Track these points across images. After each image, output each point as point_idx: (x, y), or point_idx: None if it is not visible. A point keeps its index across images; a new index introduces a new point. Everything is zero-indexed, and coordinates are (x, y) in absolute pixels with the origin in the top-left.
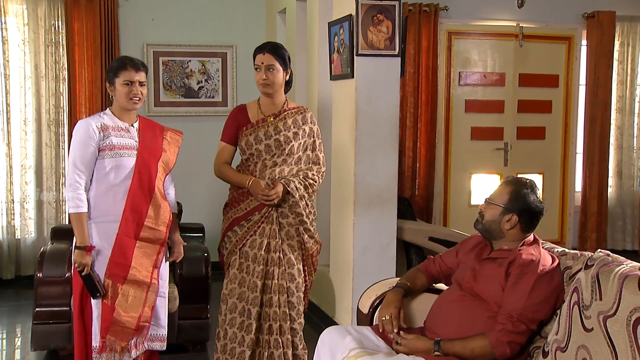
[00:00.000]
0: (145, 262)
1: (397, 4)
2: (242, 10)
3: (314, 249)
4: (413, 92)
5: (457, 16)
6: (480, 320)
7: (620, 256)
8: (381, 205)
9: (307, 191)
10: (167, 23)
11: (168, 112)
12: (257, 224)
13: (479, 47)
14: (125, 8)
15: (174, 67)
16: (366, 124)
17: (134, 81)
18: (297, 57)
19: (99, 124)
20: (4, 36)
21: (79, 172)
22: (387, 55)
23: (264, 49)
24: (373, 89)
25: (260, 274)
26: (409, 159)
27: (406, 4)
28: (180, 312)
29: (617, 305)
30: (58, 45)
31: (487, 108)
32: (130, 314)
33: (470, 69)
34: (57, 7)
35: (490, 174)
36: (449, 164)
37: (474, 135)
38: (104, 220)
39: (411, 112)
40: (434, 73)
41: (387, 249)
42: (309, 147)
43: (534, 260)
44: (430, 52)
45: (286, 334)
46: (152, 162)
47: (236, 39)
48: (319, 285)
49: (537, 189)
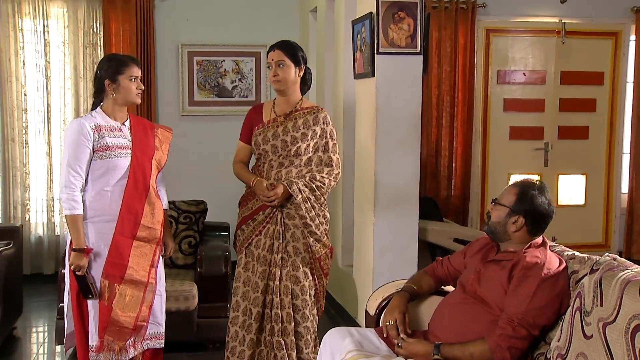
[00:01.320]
0: (142, 262)
1: (419, 0)
2: (276, 9)
3: (322, 253)
4: (449, 90)
5: (495, 13)
6: (482, 324)
7: (629, 261)
8: (401, 205)
9: (313, 194)
10: (201, 23)
11: (202, 111)
12: (262, 224)
13: (519, 45)
14: (160, 9)
15: (208, 67)
16: (386, 123)
17: (137, 76)
18: (326, 56)
19: (93, 125)
20: (46, 39)
21: (74, 174)
22: (408, 54)
23: (274, 46)
24: (393, 87)
25: (262, 274)
26: (444, 158)
27: (442, 1)
28: (199, 311)
29: (617, 311)
30: (96, 47)
31: (526, 107)
32: (128, 314)
33: (509, 67)
34: (95, 9)
35: (529, 174)
36: (486, 163)
37: (513, 135)
38: (100, 220)
39: (447, 111)
40: (470, 71)
41: (408, 250)
42: (321, 148)
43: (538, 263)
44: (467, 50)
45: (290, 336)
46: (146, 161)
47: (270, 38)
48: (343, 286)
49: (546, 191)
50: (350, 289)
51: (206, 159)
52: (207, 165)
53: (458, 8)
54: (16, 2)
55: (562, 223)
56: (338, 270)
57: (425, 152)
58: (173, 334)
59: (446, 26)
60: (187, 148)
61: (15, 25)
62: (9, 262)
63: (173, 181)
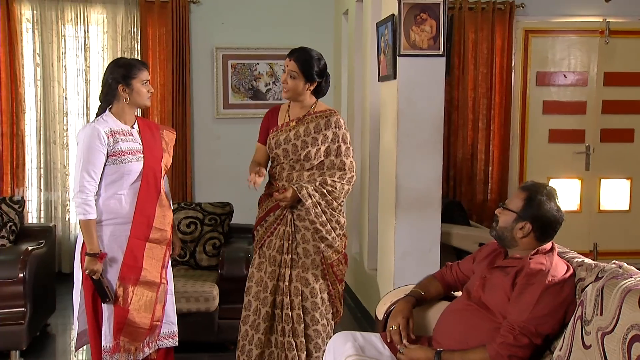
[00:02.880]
0: (154, 263)
1: (441, 2)
2: (310, 12)
3: (334, 259)
4: (486, 93)
5: (534, 13)
6: (484, 331)
7: (635, 268)
8: (423, 209)
9: (324, 198)
10: (236, 27)
11: (236, 114)
12: (273, 225)
13: (559, 46)
14: (196, 13)
15: (243, 70)
16: (408, 126)
17: (148, 80)
18: (355, 58)
19: (107, 129)
20: (86, 44)
21: (89, 179)
22: (430, 55)
23: (292, 54)
24: (415, 90)
25: (272, 274)
26: (480, 162)
27: (478, 2)
28: (220, 312)
29: (615, 321)
30: (133, 51)
31: (567, 109)
32: (144, 315)
33: (548, 68)
34: (133, 15)
35: (570, 179)
36: (524, 167)
37: (552, 138)
38: (114, 222)
39: (484, 114)
40: (508, 73)
41: (430, 254)
42: (333, 152)
43: (542, 270)
44: (505, 51)
45: (300, 337)
46: (157, 164)
47: (304, 41)
48: (368, 289)
49: (555, 196)
50: (374, 293)
51: (240, 161)
52: (241, 167)
53: (495, 9)
54: (59, 10)
55: (605, 229)
56: (364, 274)
57: (461, 156)
58: (194, 334)
59: (483, 27)
60: (221, 150)
61: (59, 32)
62: (40, 260)
63: (207, 183)
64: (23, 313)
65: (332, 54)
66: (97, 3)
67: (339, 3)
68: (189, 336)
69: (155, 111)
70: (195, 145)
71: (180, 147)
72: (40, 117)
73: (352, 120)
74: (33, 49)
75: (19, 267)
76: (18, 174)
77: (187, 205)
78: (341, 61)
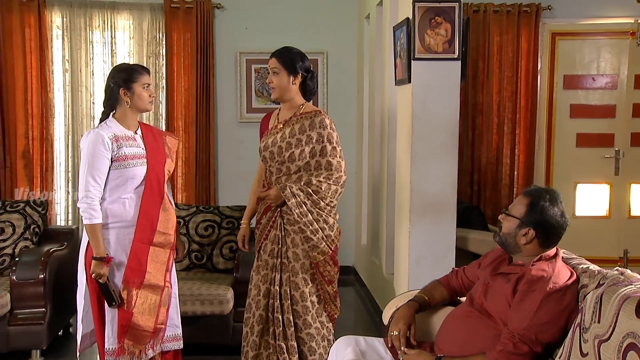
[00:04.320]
0: (158, 267)
1: (457, 5)
2: (334, 16)
3: (320, 259)
4: (511, 96)
5: (562, 15)
6: (485, 338)
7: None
8: (437, 214)
9: (309, 198)
10: (259, 31)
11: (259, 118)
12: (267, 228)
13: (587, 48)
14: (220, 18)
15: (266, 74)
16: (422, 130)
17: (149, 84)
18: (376, 62)
19: (111, 135)
20: (113, 49)
21: (94, 184)
22: (445, 59)
23: (273, 53)
24: (430, 94)
25: (264, 278)
26: (505, 166)
27: (504, 5)
28: (235, 315)
29: (612, 329)
30: (158, 56)
31: (595, 113)
32: (148, 318)
33: (576, 71)
34: (159, 20)
35: (598, 184)
36: (550, 172)
37: (580, 142)
38: (120, 225)
39: (509, 118)
40: (534, 76)
41: (445, 260)
42: (318, 153)
43: (544, 277)
44: (531, 54)
45: (290, 340)
46: (160, 169)
47: (327, 45)
48: (386, 294)
49: (559, 201)
50: (391, 297)
51: None
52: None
53: (521, 11)
54: (88, 16)
55: (636, 235)
56: (382, 279)
57: (485, 160)
58: (209, 336)
59: (508, 30)
60: (245, 154)
61: (87, 38)
62: (61, 262)
63: (230, 186)
64: (43, 313)
65: (356, 58)
66: (124, 9)
67: (361, 7)
68: (204, 339)
69: (180, 115)
70: (218, 149)
71: (204, 151)
72: (68, 122)
73: (373, 125)
74: (62, 55)
75: (39, 269)
76: (47, 176)
77: (205, 209)
78: (363, 65)
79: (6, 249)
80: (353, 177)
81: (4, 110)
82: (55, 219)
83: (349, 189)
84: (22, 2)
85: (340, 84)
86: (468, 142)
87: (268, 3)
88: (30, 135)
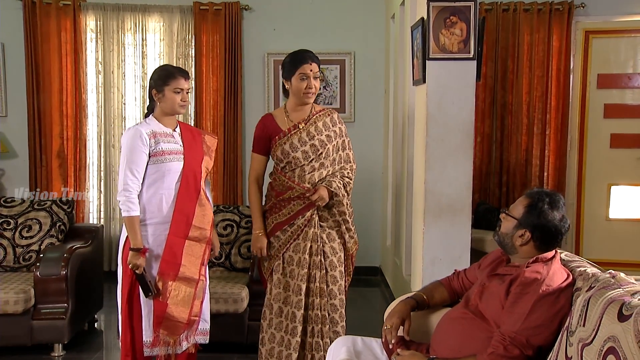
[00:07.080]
0: (194, 260)
1: (472, 4)
2: (361, 17)
3: (354, 250)
4: (541, 96)
5: (596, 13)
6: (478, 340)
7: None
8: (453, 215)
9: (345, 189)
10: (287, 32)
11: None
12: (301, 227)
13: (623, 46)
14: (248, 20)
15: None
16: (437, 131)
17: (183, 89)
18: (399, 62)
19: (149, 131)
20: (143, 51)
21: (132, 178)
22: (461, 59)
23: (313, 58)
24: (445, 94)
25: (304, 277)
26: (535, 167)
27: (535, 3)
28: (250, 313)
29: (595, 332)
30: (188, 57)
31: (631, 113)
32: (182, 309)
33: (611, 70)
34: (188, 22)
35: (633, 186)
36: (583, 173)
37: (614, 143)
38: (156, 222)
39: (539, 118)
40: (565, 76)
41: (460, 261)
42: (340, 147)
43: (537, 279)
44: (562, 53)
45: (325, 338)
46: (197, 165)
47: (355, 46)
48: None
49: (560, 205)
50: None
51: None
52: None
53: (553, 9)
54: (120, 19)
55: None
56: (402, 280)
57: (514, 161)
58: (224, 335)
59: (539, 29)
60: None
61: (119, 41)
62: (83, 259)
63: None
64: (65, 309)
65: (383, 59)
66: (155, 12)
67: (388, 7)
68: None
69: (208, 116)
70: (246, 149)
71: (231, 152)
72: (101, 122)
73: (397, 125)
74: (95, 58)
75: (61, 265)
76: (80, 176)
77: (225, 208)
78: (390, 65)
79: (32, 245)
80: (380, 178)
81: (40, 111)
82: (88, 217)
83: (376, 189)
84: (58, 7)
85: (368, 84)
86: (497, 143)
87: (295, 4)
88: (65, 136)
